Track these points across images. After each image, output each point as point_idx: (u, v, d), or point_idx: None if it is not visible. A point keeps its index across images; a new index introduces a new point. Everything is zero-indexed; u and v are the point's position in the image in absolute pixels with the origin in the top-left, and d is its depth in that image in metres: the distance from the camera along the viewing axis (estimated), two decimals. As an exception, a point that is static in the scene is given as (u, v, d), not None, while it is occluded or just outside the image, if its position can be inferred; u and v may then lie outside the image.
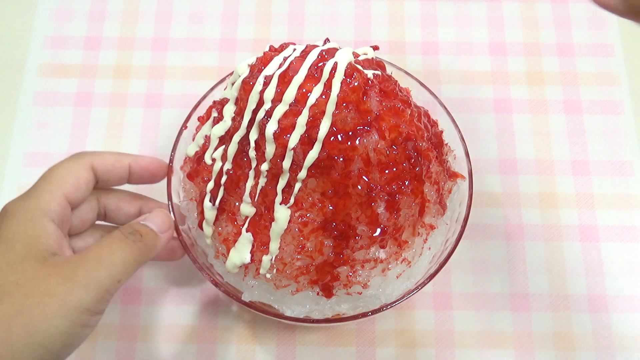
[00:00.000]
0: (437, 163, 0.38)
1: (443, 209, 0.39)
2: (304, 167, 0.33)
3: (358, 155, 0.33)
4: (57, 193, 0.34)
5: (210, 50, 0.54)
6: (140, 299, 0.45)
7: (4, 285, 0.30)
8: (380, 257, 0.36)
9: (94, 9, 0.55)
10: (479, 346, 0.44)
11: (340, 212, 0.34)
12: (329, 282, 0.36)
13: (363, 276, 0.36)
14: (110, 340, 0.44)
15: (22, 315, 0.30)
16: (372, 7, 0.56)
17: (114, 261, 0.32)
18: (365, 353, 0.44)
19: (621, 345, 0.44)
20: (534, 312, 0.45)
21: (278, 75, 0.33)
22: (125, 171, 0.38)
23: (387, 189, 0.34)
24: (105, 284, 0.32)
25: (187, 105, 0.43)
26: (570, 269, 0.46)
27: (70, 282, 0.31)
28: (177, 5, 0.56)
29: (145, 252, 0.34)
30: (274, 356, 0.44)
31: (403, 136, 0.34)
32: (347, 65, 0.33)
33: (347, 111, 0.33)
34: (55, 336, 0.30)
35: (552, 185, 0.49)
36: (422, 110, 0.39)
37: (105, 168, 0.37)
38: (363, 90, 0.33)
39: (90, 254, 0.32)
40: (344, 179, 0.33)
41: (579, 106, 0.51)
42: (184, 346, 0.44)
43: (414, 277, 0.38)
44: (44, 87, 0.52)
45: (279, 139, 0.33)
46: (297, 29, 0.55)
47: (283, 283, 0.36)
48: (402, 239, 0.36)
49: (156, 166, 0.39)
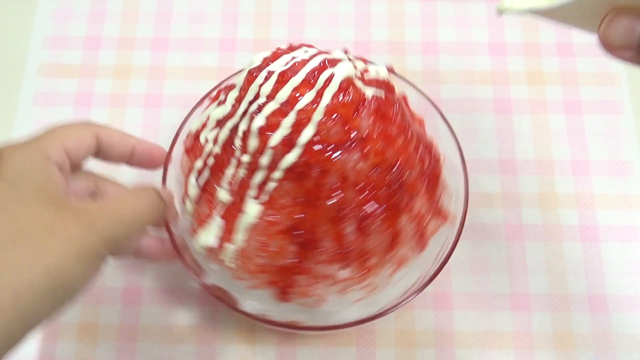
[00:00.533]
0: (426, 198, 0.37)
1: (422, 246, 0.39)
2: (280, 168, 0.33)
3: (335, 170, 0.33)
4: (59, 145, 0.34)
5: (210, 50, 0.54)
6: (140, 299, 0.45)
7: (20, 225, 0.29)
8: (341, 276, 0.36)
9: (94, 9, 0.56)
10: (479, 346, 0.44)
11: (308, 222, 0.34)
12: (286, 287, 0.36)
13: (320, 290, 0.36)
14: (110, 340, 0.44)
15: (43, 255, 0.29)
16: (372, 7, 0.56)
17: (133, 222, 0.32)
18: (365, 353, 0.44)
19: (621, 345, 0.44)
20: (534, 312, 0.45)
21: (278, 73, 0.33)
22: (128, 150, 0.38)
23: (359, 211, 0.34)
24: (120, 240, 0.32)
25: (187, 105, 0.43)
26: (570, 269, 0.46)
27: (88, 228, 0.30)
28: (177, 5, 0.56)
29: (160, 218, 0.35)
30: (274, 356, 0.44)
31: (388, 163, 0.34)
32: (343, 78, 0.33)
33: (333, 124, 0.32)
34: (74, 278, 0.30)
35: (552, 185, 0.49)
36: (425, 141, 0.39)
37: (110, 142, 0.37)
38: (355, 107, 0.33)
39: (111, 208, 0.32)
40: (316, 189, 0.33)
41: (579, 106, 0.51)
42: (184, 346, 0.44)
43: (377, 305, 0.38)
44: (44, 87, 0.52)
45: (262, 135, 0.33)
46: (297, 29, 0.55)
47: (241, 276, 0.36)
48: (368, 264, 0.36)
49: (158, 153, 0.40)
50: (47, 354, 0.43)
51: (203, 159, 0.37)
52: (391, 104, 0.36)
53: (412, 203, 0.36)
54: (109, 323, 0.44)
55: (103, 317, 0.44)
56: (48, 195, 0.31)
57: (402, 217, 0.36)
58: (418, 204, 0.37)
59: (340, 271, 0.36)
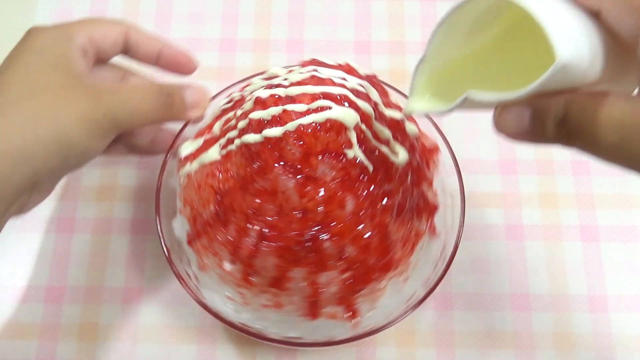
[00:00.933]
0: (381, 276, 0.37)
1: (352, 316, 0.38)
2: (241, 139, 0.34)
3: (270, 179, 0.34)
4: (85, 32, 0.35)
5: (210, 50, 0.54)
6: (140, 299, 0.45)
7: (34, 86, 0.32)
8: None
9: (94, 9, 0.55)
10: (479, 346, 0.44)
11: (229, 197, 0.35)
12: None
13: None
14: (110, 340, 0.44)
15: (52, 111, 0.31)
16: (372, 7, 0.56)
17: (138, 110, 0.34)
18: (365, 353, 0.44)
19: (621, 345, 0.44)
20: (534, 312, 0.45)
21: (285, 94, 0.35)
22: (154, 52, 0.39)
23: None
24: (121, 124, 0.33)
25: (187, 106, 0.43)
26: (570, 269, 0.46)
27: (94, 102, 0.32)
28: (177, 5, 0.56)
29: (166, 117, 0.36)
30: (275, 356, 0.44)
31: (315, 216, 0.34)
32: (332, 119, 0.33)
33: (294, 144, 0.33)
34: (79, 137, 0.32)
35: (552, 185, 0.49)
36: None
37: (137, 41, 0.38)
38: (323, 151, 0.33)
39: (121, 92, 0.34)
40: (251, 178, 0.34)
41: (579, 106, 0.51)
42: (184, 346, 0.44)
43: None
44: (44, 87, 0.52)
45: (255, 103, 0.35)
46: (297, 29, 0.55)
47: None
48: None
49: (184, 59, 0.40)
50: (47, 354, 0.43)
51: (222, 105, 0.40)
52: (363, 174, 0.34)
53: (340, 259, 0.35)
54: (109, 323, 0.44)
55: (103, 317, 0.44)
56: (65, 69, 0.33)
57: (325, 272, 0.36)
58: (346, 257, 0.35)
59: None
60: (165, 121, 0.36)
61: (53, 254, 0.46)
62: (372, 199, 0.34)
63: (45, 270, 0.46)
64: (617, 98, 0.21)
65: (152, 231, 0.47)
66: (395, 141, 0.36)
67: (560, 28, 0.21)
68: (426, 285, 0.38)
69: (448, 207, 0.41)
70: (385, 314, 0.38)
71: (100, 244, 0.47)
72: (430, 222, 0.39)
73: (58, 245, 0.47)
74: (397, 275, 0.37)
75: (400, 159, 0.36)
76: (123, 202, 0.48)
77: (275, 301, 0.36)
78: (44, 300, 0.45)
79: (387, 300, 0.38)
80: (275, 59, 0.53)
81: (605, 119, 0.21)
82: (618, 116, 0.21)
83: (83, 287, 0.45)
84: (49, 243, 0.47)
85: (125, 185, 0.49)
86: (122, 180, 0.49)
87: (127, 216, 0.48)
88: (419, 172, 0.38)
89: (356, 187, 0.34)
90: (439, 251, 0.40)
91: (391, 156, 0.35)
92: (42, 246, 0.46)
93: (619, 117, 0.21)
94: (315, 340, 0.37)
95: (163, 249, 0.38)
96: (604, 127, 0.21)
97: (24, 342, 0.43)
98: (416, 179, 0.38)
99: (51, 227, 0.47)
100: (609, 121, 0.21)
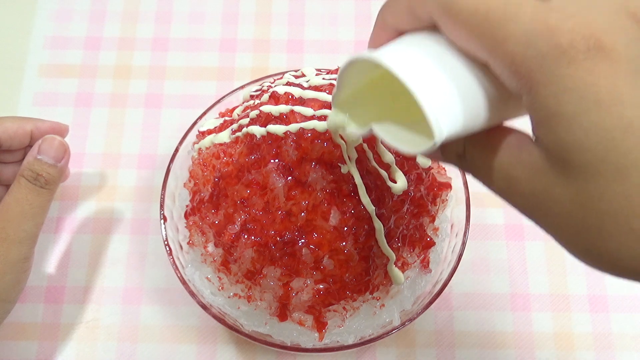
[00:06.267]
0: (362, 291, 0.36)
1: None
2: (249, 129, 0.35)
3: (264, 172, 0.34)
4: None
5: (210, 50, 0.54)
6: (140, 299, 0.45)
7: None
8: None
9: (94, 9, 0.55)
10: (479, 346, 0.44)
11: (224, 182, 0.36)
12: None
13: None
14: (110, 340, 0.44)
15: None
16: (372, 7, 0.56)
17: (34, 212, 0.37)
18: (365, 353, 0.44)
19: (621, 345, 0.44)
20: (534, 312, 0.45)
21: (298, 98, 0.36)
22: (27, 137, 0.40)
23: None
24: (33, 232, 0.37)
25: (187, 105, 0.43)
26: (570, 269, 0.46)
27: (5, 242, 0.36)
28: (177, 5, 0.56)
29: (54, 189, 0.38)
30: (275, 355, 0.44)
31: (295, 219, 0.34)
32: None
33: (289, 150, 0.34)
34: (9, 288, 0.36)
35: (552, 185, 0.48)
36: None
37: (8, 136, 0.40)
38: (313, 159, 0.33)
39: (10, 210, 0.36)
40: (247, 166, 0.35)
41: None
42: (184, 346, 0.44)
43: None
44: (44, 87, 0.52)
45: (270, 97, 0.36)
46: (297, 29, 0.55)
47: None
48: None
49: (57, 131, 0.41)
50: (47, 354, 0.43)
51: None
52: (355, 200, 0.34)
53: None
54: (109, 323, 0.44)
55: (103, 317, 0.44)
56: None
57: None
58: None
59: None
60: (52, 197, 0.38)
61: (53, 254, 0.46)
62: (359, 218, 0.34)
63: (45, 270, 0.46)
64: (507, 147, 0.22)
65: (152, 231, 0.47)
66: (397, 168, 0.35)
67: (437, 103, 0.21)
68: (404, 316, 0.38)
69: (450, 246, 0.40)
70: (355, 333, 0.37)
71: (100, 244, 0.47)
72: (424, 257, 0.38)
73: (58, 245, 0.47)
74: (374, 299, 0.37)
75: (397, 187, 0.34)
76: (123, 202, 0.48)
77: (248, 294, 0.36)
78: (44, 300, 0.45)
79: (360, 321, 0.37)
80: (275, 59, 0.53)
81: (495, 166, 0.22)
82: (505, 166, 0.22)
83: (83, 287, 0.45)
84: (49, 243, 0.47)
85: (125, 185, 0.49)
86: (122, 181, 0.49)
87: (127, 216, 0.48)
88: (420, 204, 0.37)
89: (344, 203, 0.33)
90: (428, 287, 0.39)
91: (388, 182, 0.34)
92: (42, 246, 0.46)
93: (506, 167, 0.22)
94: (283, 343, 0.37)
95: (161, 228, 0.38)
96: (495, 173, 0.22)
97: (24, 342, 0.43)
98: (415, 211, 0.37)
99: (51, 227, 0.47)
100: (498, 169, 0.22)
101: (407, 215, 0.36)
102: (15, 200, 0.37)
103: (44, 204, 0.37)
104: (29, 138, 0.40)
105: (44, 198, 0.37)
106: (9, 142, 0.40)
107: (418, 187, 0.37)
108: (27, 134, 0.40)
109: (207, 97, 0.51)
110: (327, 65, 0.43)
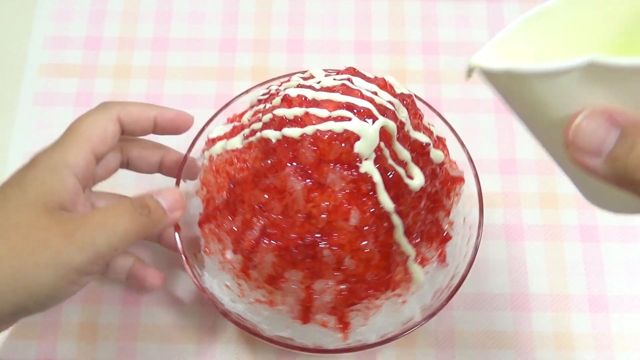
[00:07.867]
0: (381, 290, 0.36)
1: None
2: (262, 133, 0.35)
3: (279, 177, 0.34)
4: (84, 146, 0.35)
5: (210, 50, 0.54)
6: (140, 299, 0.45)
7: (5, 225, 0.31)
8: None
9: (94, 9, 0.55)
10: (479, 346, 0.44)
11: (239, 189, 0.36)
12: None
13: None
14: (110, 340, 0.44)
15: (14, 257, 0.30)
16: (372, 7, 0.56)
17: (115, 230, 0.32)
18: (365, 353, 0.44)
19: (621, 345, 0.44)
20: (534, 312, 0.45)
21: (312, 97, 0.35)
22: (150, 123, 0.39)
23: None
24: (101, 250, 0.32)
25: (187, 105, 0.43)
26: (570, 269, 0.46)
27: (67, 239, 0.31)
28: (177, 5, 0.56)
29: (149, 228, 0.34)
30: (275, 355, 0.44)
31: (318, 222, 0.34)
32: (349, 130, 0.33)
33: (309, 147, 0.33)
34: (42, 285, 0.30)
35: (552, 185, 0.48)
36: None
37: (132, 120, 0.38)
38: (331, 160, 0.33)
39: (95, 216, 0.33)
40: (263, 171, 0.34)
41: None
42: (184, 346, 0.44)
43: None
44: (44, 87, 0.52)
45: (282, 101, 0.35)
46: (297, 29, 0.55)
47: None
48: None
49: (181, 120, 0.40)
50: (47, 354, 0.43)
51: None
52: (369, 188, 0.34)
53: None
54: (109, 323, 0.44)
55: (103, 317, 0.44)
56: (46, 203, 0.32)
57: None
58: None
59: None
60: (147, 232, 0.34)
61: (53, 254, 0.46)
62: (379, 216, 0.34)
63: (45, 270, 0.46)
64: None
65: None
66: (414, 164, 0.35)
67: None
68: (424, 311, 0.38)
69: (464, 239, 0.40)
70: (377, 332, 0.37)
71: (100, 244, 0.47)
72: (441, 251, 0.39)
73: (58, 245, 0.46)
74: (396, 296, 0.37)
75: (415, 184, 0.35)
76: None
77: (269, 299, 0.36)
78: (44, 300, 0.45)
79: (382, 318, 0.37)
80: (275, 59, 0.53)
81: None
82: None
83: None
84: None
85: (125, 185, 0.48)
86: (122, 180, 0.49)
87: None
88: (436, 199, 0.37)
89: (363, 202, 0.33)
90: (445, 281, 0.39)
91: (405, 179, 0.34)
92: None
93: None
94: (304, 345, 0.37)
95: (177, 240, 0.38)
96: None
97: (24, 342, 0.43)
98: (432, 206, 0.37)
99: (51, 227, 0.47)
100: None
101: (424, 211, 0.36)
102: (105, 210, 0.34)
103: (129, 230, 0.33)
104: (152, 125, 0.39)
105: (134, 225, 0.33)
106: (132, 127, 0.38)
107: (433, 182, 0.37)
108: (150, 119, 0.38)
109: (207, 97, 0.51)
110: (327, 65, 0.43)
